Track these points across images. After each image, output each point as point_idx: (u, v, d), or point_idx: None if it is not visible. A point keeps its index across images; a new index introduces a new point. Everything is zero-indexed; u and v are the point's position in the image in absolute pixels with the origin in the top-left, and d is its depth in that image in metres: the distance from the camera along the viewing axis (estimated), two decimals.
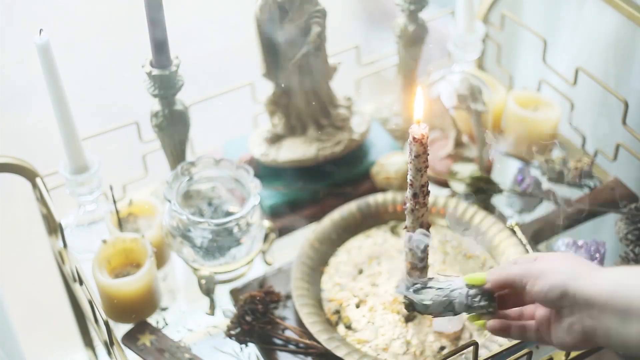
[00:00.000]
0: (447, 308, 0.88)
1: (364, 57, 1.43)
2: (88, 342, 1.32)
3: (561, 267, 0.81)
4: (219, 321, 1.12)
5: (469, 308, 0.88)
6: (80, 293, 1.10)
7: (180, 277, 1.22)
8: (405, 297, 0.90)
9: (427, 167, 0.93)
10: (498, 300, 0.88)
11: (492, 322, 0.88)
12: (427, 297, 0.89)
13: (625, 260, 1.12)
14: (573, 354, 1.01)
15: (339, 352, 0.99)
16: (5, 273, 1.81)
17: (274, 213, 1.21)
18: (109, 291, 1.06)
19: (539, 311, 0.86)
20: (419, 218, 0.97)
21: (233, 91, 1.33)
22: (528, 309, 0.88)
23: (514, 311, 0.89)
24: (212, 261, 1.07)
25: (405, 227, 0.99)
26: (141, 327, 1.08)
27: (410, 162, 0.92)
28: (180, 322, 1.15)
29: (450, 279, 0.90)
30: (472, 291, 0.87)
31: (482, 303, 0.87)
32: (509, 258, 1.08)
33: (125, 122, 1.26)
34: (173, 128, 1.15)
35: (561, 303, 0.80)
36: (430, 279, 0.91)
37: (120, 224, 1.15)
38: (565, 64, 1.37)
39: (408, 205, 0.96)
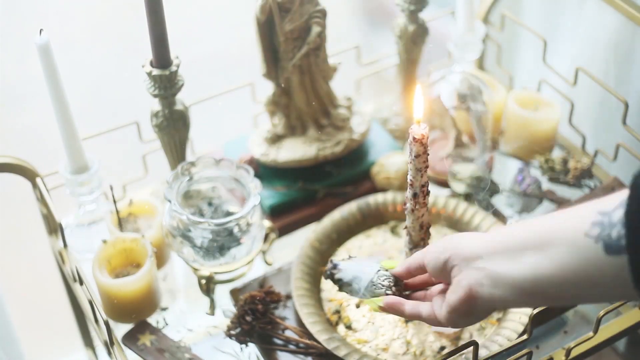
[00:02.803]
0: (354, 282, 0.92)
1: (364, 57, 1.43)
2: (88, 342, 1.32)
3: (451, 237, 0.85)
4: (219, 321, 1.12)
5: (372, 285, 0.91)
6: (81, 293, 1.10)
7: (180, 277, 1.22)
8: (327, 271, 0.94)
9: (427, 167, 0.93)
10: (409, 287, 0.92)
11: (387, 298, 0.90)
12: (342, 274, 0.93)
13: None
14: (573, 354, 1.01)
15: (339, 352, 0.99)
16: (5, 273, 1.81)
17: (274, 213, 1.21)
18: (109, 291, 1.06)
19: (433, 290, 0.89)
20: (419, 218, 0.97)
21: (233, 91, 1.33)
22: (428, 293, 0.91)
23: (416, 295, 0.92)
24: (212, 261, 1.07)
25: (406, 227, 0.99)
26: (141, 327, 1.08)
27: (410, 162, 0.92)
28: (181, 322, 1.15)
29: (369, 261, 0.94)
30: (381, 272, 0.92)
31: (385, 282, 0.91)
32: None
33: (126, 122, 1.26)
34: (173, 128, 1.15)
35: (450, 263, 0.83)
36: (353, 257, 0.96)
37: (121, 224, 1.15)
38: (565, 64, 1.38)
39: (408, 205, 0.97)
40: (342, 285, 0.93)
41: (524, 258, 0.76)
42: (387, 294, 0.91)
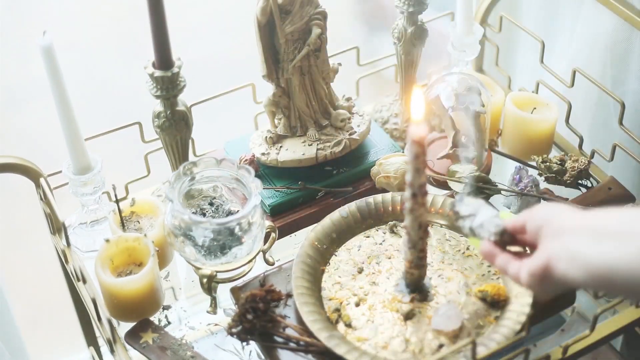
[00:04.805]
0: (468, 219, 0.97)
1: (364, 58, 1.44)
2: (91, 340, 1.33)
3: (553, 207, 0.88)
4: (220, 319, 1.13)
5: (480, 227, 0.95)
6: (84, 292, 1.11)
7: (182, 276, 1.23)
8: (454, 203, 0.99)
9: (425, 167, 0.94)
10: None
11: (485, 244, 0.94)
12: (463, 207, 0.98)
13: None
14: (570, 352, 1.02)
15: (338, 350, 0.99)
16: (10, 272, 1.82)
17: (274, 213, 1.21)
18: (111, 290, 1.07)
19: (530, 260, 0.90)
20: (418, 218, 0.98)
21: (234, 92, 1.34)
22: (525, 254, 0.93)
23: (514, 249, 0.94)
24: (214, 260, 1.08)
25: (405, 227, 1.00)
26: (144, 325, 1.08)
27: (409, 163, 0.93)
28: (182, 320, 1.16)
29: (491, 208, 0.97)
30: (496, 219, 0.94)
31: (492, 229, 0.93)
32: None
33: (128, 123, 1.27)
34: (175, 128, 1.16)
35: (542, 230, 0.86)
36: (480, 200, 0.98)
37: (123, 223, 1.16)
38: (562, 66, 1.38)
39: (407, 205, 0.97)
40: (457, 217, 0.98)
41: (605, 243, 0.79)
42: (489, 240, 0.94)
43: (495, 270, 1.09)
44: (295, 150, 1.24)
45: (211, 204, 1.12)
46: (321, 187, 1.23)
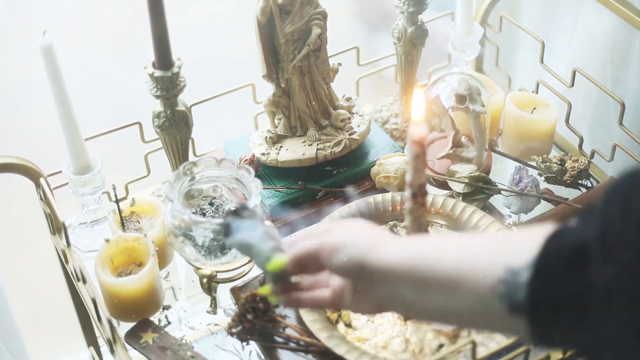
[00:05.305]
0: (245, 253, 0.91)
1: (364, 58, 1.44)
2: (91, 340, 1.33)
3: (357, 239, 0.81)
4: (220, 319, 1.13)
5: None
6: (84, 292, 1.11)
7: (182, 276, 1.23)
8: (225, 219, 0.92)
9: (425, 167, 0.94)
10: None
11: (284, 298, 0.89)
12: (242, 235, 0.90)
13: None
14: (570, 352, 1.02)
15: (338, 350, 0.99)
16: (9, 272, 1.82)
17: (274, 213, 1.21)
18: (111, 290, 1.07)
19: (333, 280, 0.86)
20: (418, 218, 0.98)
21: (234, 92, 1.34)
22: (321, 276, 0.88)
23: (306, 281, 0.89)
24: (214, 260, 1.08)
25: (404, 227, 1.00)
26: (144, 325, 1.09)
27: (409, 163, 0.93)
28: (182, 320, 1.16)
29: (268, 235, 0.89)
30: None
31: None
32: None
33: (128, 123, 1.27)
34: (175, 128, 1.16)
35: (358, 276, 0.80)
36: (260, 225, 0.90)
37: (123, 223, 1.16)
38: (562, 66, 1.38)
39: (407, 205, 0.97)
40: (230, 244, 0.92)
41: (432, 294, 0.76)
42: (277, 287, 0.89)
43: None
44: (295, 150, 1.24)
45: (211, 204, 1.12)
46: (321, 187, 1.23)
